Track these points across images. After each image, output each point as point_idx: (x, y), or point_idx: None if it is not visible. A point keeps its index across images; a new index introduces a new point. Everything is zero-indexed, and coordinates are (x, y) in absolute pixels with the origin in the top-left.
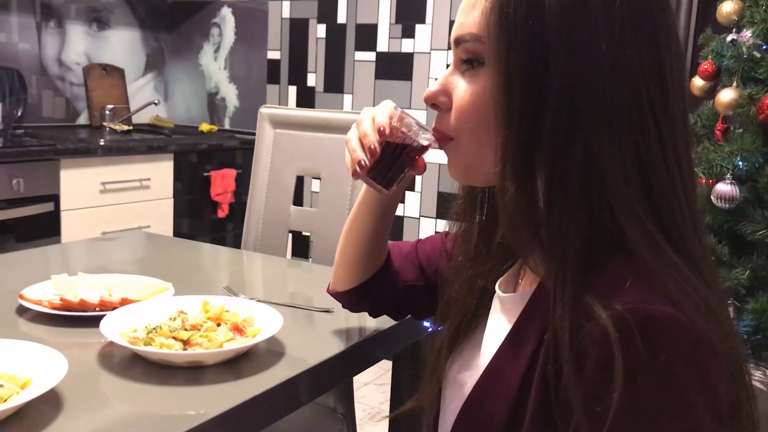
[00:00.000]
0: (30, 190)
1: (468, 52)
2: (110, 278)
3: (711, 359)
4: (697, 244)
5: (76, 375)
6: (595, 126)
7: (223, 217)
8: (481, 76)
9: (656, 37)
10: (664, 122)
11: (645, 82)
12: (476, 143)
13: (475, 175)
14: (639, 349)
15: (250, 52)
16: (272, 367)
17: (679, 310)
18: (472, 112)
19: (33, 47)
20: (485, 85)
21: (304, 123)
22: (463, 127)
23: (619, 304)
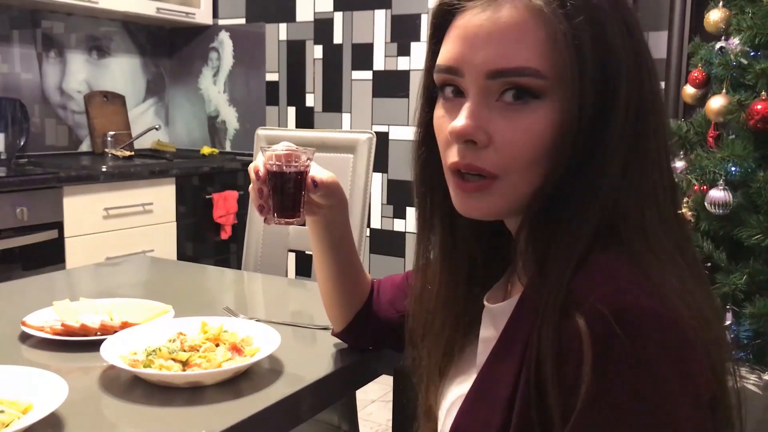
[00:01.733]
0: (34, 218)
1: (518, 85)
2: (111, 302)
3: (689, 349)
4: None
5: (78, 399)
6: (629, 149)
7: (226, 238)
8: (539, 110)
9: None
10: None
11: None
12: (526, 180)
13: (510, 212)
14: (614, 341)
15: (249, 75)
16: (271, 385)
17: (660, 300)
18: (528, 149)
19: (35, 77)
20: (545, 119)
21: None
22: (518, 165)
23: (596, 298)
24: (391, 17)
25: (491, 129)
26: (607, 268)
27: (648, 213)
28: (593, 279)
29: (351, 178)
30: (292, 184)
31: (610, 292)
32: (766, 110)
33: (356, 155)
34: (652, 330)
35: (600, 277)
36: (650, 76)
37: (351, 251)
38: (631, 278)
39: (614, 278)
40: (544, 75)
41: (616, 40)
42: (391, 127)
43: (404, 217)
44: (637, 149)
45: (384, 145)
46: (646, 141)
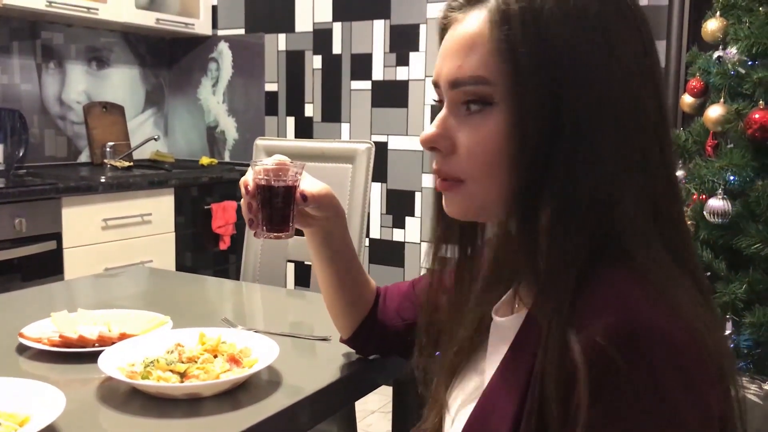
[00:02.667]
0: (32, 229)
1: (472, 95)
2: (109, 314)
3: (703, 372)
4: (693, 258)
5: (75, 411)
6: (608, 152)
7: (225, 249)
8: (492, 117)
9: (646, 49)
10: (664, 139)
11: (645, 101)
12: (488, 183)
13: (483, 213)
14: (619, 366)
15: (248, 85)
16: (270, 397)
17: (674, 319)
18: (486, 154)
19: (34, 88)
20: (497, 126)
21: (299, 153)
22: (475, 169)
23: (602, 321)
24: (390, 27)
25: (456, 137)
26: (613, 286)
27: (643, 221)
28: (599, 298)
29: (350, 188)
30: (280, 198)
31: (617, 314)
32: (764, 119)
33: (355, 165)
34: (664, 353)
35: (606, 295)
36: (633, 76)
37: (351, 260)
38: (641, 296)
39: (622, 297)
40: (491, 82)
41: (563, 42)
42: (390, 137)
43: (403, 227)
44: (617, 154)
45: (383, 155)
46: (629, 145)
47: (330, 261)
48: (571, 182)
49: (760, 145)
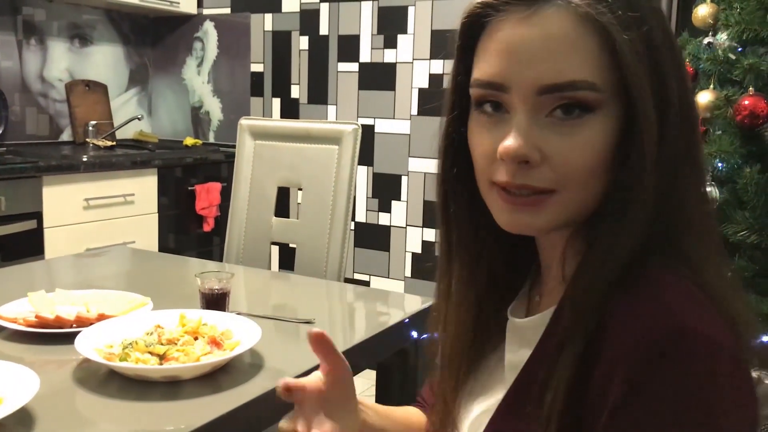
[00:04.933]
0: (12, 208)
1: (572, 99)
2: (88, 294)
3: (740, 375)
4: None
5: (51, 393)
6: (689, 154)
7: (209, 230)
8: (592, 124)
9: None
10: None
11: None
12: (584, 194)
13: (571, 222)
14: (654, 367)
15: (234, 66)
16: (251, 380)
17: (713, 322)
18: (587, 164)
19: (15, 65)
20: (600, 134)
21: (284, 134)
22: (573, 178)
23: (641, 320)
24: (378, 9)
25: (544, 147)
26: (663, 287)
27: (696, 222)
28: (647, 299)
29: (336, 169)
30: None
31: (662, 316)
32: (754, 106)
33: (341, 146)
34: (706, 358)
35: (654, 297)
36: (688, 81)
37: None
38: (688, 299)
39: (670, 299)
40: (599, 88)
41: (662, 47)
42: (377, 120)
43: (389, 211)
44: (688, 155)
45: (370, 138)
46: (696, 146)
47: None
48: (647, 189)
49: (749, 131)
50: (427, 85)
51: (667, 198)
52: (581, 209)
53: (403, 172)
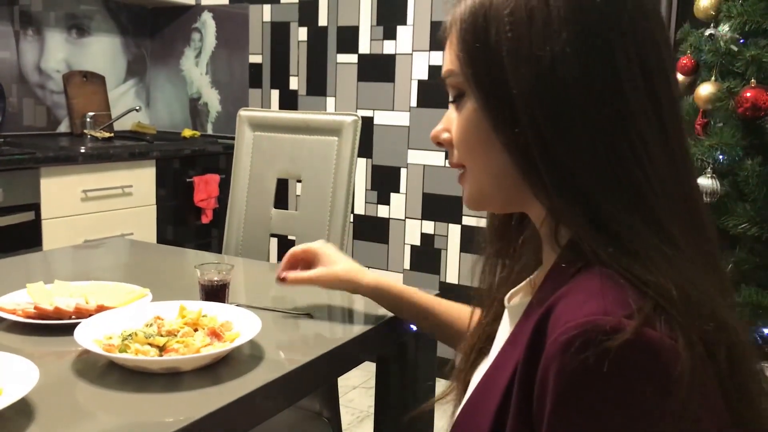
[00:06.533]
0: (10, 199)
1: (452, 87)
2: (87, 285)
3: (677, 373)
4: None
5: (50, 384)
6: (561, 130)
7: (207, 222)
8: (466, 106)
9: (602, 25)
10: (623, 111)
11: (598, 77)
12: (480, 167)
13: (486, 199)
14: (582, 373)
15: (232, 57)
16: (251, 372)
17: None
18: (467, 140)
19: (12, 56)
20: (469, 113)
21: (283, 125)
22: (466, 156)
23: (571, 323)
24: (377, 0)
25: (452, 129)
26: (590, 286)
27: (630, 211)
28: (575, 298)
29: (335, 161)
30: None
31: (585, 316)
32: (756, 98)
33: (341, 138)
34: (634, 358)
35: (582, 296)
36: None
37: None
38: (617, 296)
39: (595, 299)
40: (456, 73)
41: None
42: (377, 112)
43: (388, 204)
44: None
45: (369, 130)
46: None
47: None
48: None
49: (751, 123)
50: (426, 77)
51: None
52: (491, 184)
53: (402, 164)
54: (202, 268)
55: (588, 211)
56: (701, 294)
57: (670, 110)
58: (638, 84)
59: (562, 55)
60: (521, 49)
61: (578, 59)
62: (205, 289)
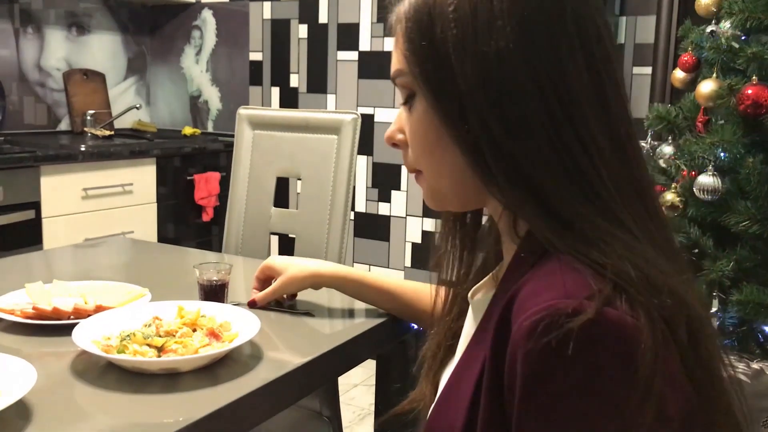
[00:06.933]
0: (10, 198)
1: (402, 87)
2: (86, 285)
3: (640, 351)
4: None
5: (48, 385)
6: (509, 124)
7: (207, 220)
8: (417, 107)
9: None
10: (568, 101)
11: (542, 69)
12: (435, 168)
13: (445, 199)
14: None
15: (232, 54)
16: (250, 372)
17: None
18: (420, 141)
19: (11, 54)
20: (420, 114)
21: (283, 123)
22: (420, 157)
23: (535, 308)
24: None
25: (406, 130)
26: (550, 273)
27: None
28: (536, 285)
29: (335, 159)
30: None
31: (547, 301)
32: (757, 95)
33: (341, 136)
34: (597, 339)
35: (542, 282)
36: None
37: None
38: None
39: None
40: (406, 74)
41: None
42: (377, 110)
43: (389, 201)
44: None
45: (369, 128)
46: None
47: (364, 299)
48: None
49: (752, 121)
50: None
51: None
52: (447, 184)
53: (403, 161)
54: (201, 267)
55: (541, 203)
56: (658, 272)
57: (616, 98)
58: (582, 73)
59: (506, 49)
60: (467, 45)
61: (522, 52)
62: (204, 289)
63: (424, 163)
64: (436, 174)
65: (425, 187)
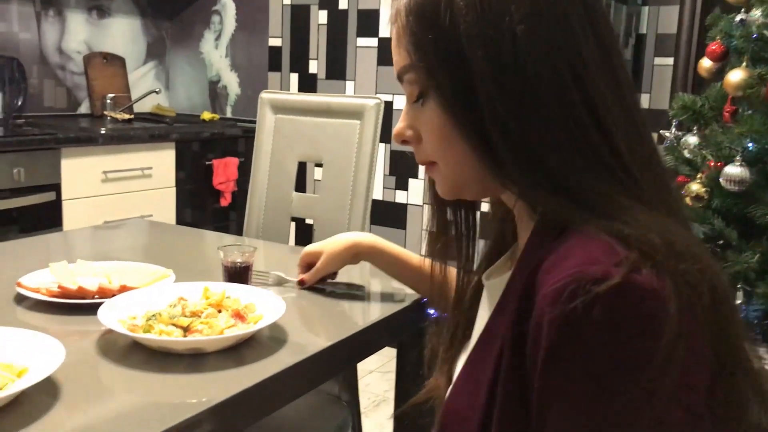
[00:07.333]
0: (31, 179)
1: (410, 84)
2: (110, 265)
3: (666, 317)
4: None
5: (74, 363)
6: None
7: (225, 205)
8: (429, 104)
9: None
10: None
11: (559, 49)
12: (453, 158)
13: (463, 189)
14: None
15: (252, 40)
16: (274, 354)
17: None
18: (437, 133)
19: (33, 36)
20: (435, 109)
21: (305, 108)
22: (437, 150)
23: (557, 276)
24: None
25: (417, 126)
26: (575, 243)
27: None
28: (561, 254)
29: (357, 145)
30: None
31: (573, 267)
32: None
33: (363, 121)
34: (622, 305)
35: (567, 251)
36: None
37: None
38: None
39: (581, 252)
40: (414, 67)
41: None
42: (396, 97)
43: (406, 189)
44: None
45: (388, 115)
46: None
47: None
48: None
49: None
50: None
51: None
52: (466, 176)
53: None
54: (226, 249)
55: (558, 187)
56: (682, 240)
57: (623, 74)
58: (594, 51)
59: (520, 31)
60: (478, 31)
61: (536, 33)
62: (228, 271)
63: (441, 154)
64: (455, 164)
65: (441, 180)
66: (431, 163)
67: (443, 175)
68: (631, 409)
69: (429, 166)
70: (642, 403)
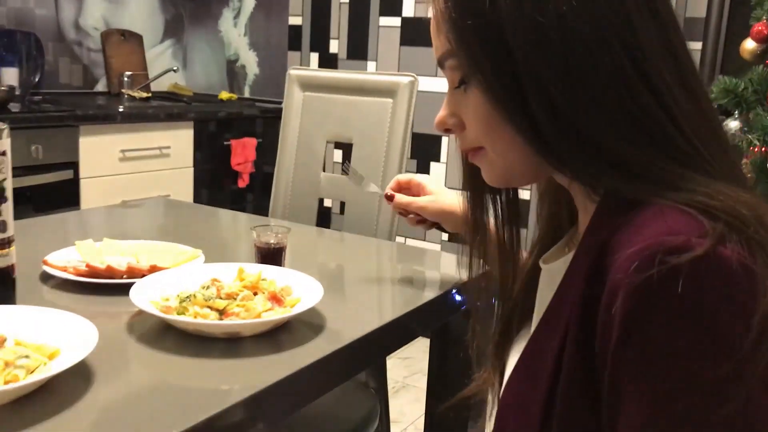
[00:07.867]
0: (49, 157)
1: (452, 70)
2: (137, 245)
3: (756, 295)
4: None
5: (104, 345)
6: (580, 92)
7: (243, 187)
8: (472, 91)
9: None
10: (640, 57)
11: (611, 26)
12: (503, 144)
13: (514, 175)
14: (658, 288)
15: (271, 18)
16: (312, 341)
17: (713, 241)
18: (484, 120)
19: (50, 12)
20: (479, 95)
21: (336, 85)
22: (485, 136)
23: (633, 247)
24: None
25: (461, 113)
26: (650, 214)
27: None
28: (636, 225)
29: (389, 124)
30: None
31: (651, 237)
32: None
33: (396, 100)
34: (704, 275)
35: (643, 222)
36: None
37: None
38: (682, 220)
39: (658, 222)
40: (455, 53)
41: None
42: (419, 78)
43: (428, 173)
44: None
45: None
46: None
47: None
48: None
49: None
50: None
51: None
52: (517, 160)
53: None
54: (259, 230)
55: (620, 171)
56: (766, 213)
57: (680, 45)
58: (649, 24)
59: (568, 9)
60: (522, 12)
61: (586, 9)
62: (261, 252)
63: (490, 141)
64: (503, 149)
65: (489, 167)
66: (476, 150)
67: (490, 160)
68: (716, 393)
69: (473, 153)
70: (729, 387)
